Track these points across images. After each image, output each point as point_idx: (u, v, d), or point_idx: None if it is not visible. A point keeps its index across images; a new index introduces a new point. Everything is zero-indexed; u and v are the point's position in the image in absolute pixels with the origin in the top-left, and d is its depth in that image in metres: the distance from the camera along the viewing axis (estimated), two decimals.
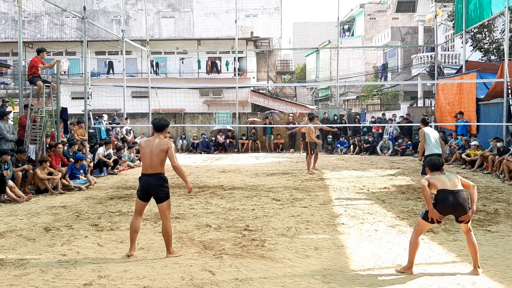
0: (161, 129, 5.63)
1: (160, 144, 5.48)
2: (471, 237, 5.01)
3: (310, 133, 13.64)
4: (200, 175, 13.22)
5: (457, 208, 4.85)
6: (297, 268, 5.09)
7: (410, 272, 4.93)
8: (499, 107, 14.97)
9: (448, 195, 4.86)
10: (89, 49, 21.14)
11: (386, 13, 38.36)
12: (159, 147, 5.47)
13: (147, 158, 5.49)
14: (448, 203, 4.85)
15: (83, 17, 16.18)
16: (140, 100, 25.52)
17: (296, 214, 7.80)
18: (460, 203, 4.84)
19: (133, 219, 5.66)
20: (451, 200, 4.84)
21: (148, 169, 5.49)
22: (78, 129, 14.87)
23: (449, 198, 4.85)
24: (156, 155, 5.46)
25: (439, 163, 5.20)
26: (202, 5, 35.50)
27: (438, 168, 5.15)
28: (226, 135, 22.23)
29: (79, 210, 8.43)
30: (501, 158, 12.26)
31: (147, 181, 5.50)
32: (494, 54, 20.80)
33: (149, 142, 5.57)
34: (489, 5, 16.11)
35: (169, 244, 5.55)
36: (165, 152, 5.44)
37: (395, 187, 10.74)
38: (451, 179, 4.97)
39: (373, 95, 32.54)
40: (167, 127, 5.73)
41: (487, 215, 7.66)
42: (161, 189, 5.48)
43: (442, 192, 4.91)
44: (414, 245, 5.00)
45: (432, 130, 9.81)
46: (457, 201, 4.84)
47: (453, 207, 4.86)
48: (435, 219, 4.90)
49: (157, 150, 5.46)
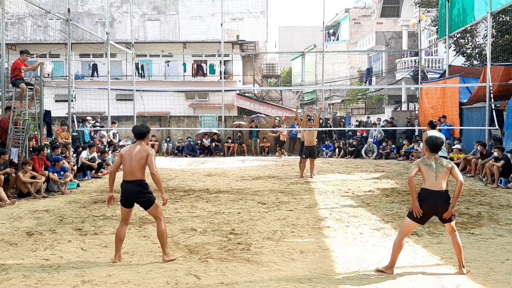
0: (141, 136, 5.58)
1: (140, 151, 5.43)
2: (456, 237, 5.08)
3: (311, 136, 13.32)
4: (185, 179, 13.16)
5: (437, 209, 4.97)
6: (282, 271, 5.09)
7: (390, 272, 4.99)
8: (481, 111, 15.18)
9: (429, 195, 4.96)
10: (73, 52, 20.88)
11: (370, 17, 38.70)
12: (139, 153, 5.41)
13: (127, 165, 5.43)
14: (428, 203, 4.96)
15: (67, 19, 16.03)
16: (125, 103, 25.36)
17: (282, 218, 7.81)
18: (440, 204, 4.95)
19: (119, 227, 5.60)
20: (431, 201, 4.95)
21: (128, 175, 5.43)
22: (62, 132, 14.72)
23: (430, 199, 4.96)
24: (136, 162, 5.40)
25: (440, 143, 5.21)
26: (187, 8, 35.46)
27: (437, 150, 5.18)
28: (212, 138, 22.19)
29: (62, 214, 8.33)
30: (484, 161, 12.43)
31: (127, 188, 5.45)
32: (477, 59, 21.12)
33: (130, 149, 5.52)
34: (472, 10, 16.36)
35: (165, 245, 5.50)
36: (145, 159, 5.39)
37: (380, 190, 10.81)
38: (439, 177, 5.01)
39: (358, 99, 32.77)
40: (148, 134, 5.67)
41: (470, 218, 7.75)
42: (142, 196, 5.43)
43: (424, 191, 5.01)
44: (398, 246, 5.06)
45: (437, 133, 9.61)
46: (437, 202, 4.95)
47: (433, 207, 4.96)
48: (415, 213, 4.98)
49: (137, 156, 5.41)
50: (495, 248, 5.93)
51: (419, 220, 5.03)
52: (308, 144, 13.29)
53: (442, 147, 5.31)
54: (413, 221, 5.06)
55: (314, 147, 13.38)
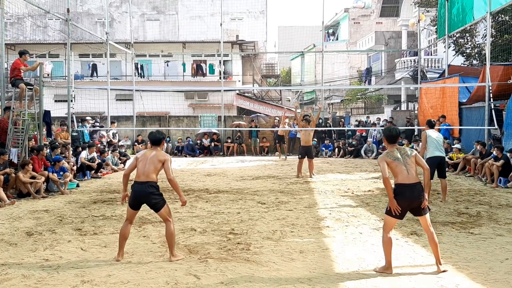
0: (158, 142, 5.68)
1: (157, 155, 5.53)
2: (432, 233, 5.11)
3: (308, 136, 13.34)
4: (185, 179, 13.17)
5: (414, 201, 5.01)
6: (282, 271, 5.09)
7: (389, 272, 5.00)
8: (481, 111, 15.19)
9: (405, 190, 5.00)
10: (72, 52, 20.91)
11: (370, 17, 38.71)
12: (156, 157, 5.50)
13: (142, 167, 5.49)
14: (405, 197, 5.00)
15: (67, 19, 16.03)
16: (124, 103, 25.36)
17: (281, 217, 7.81)
18: (416, 196, 4.99)
19: (123, 226, 5.66)
20: (408, 194, 5.00)
21: (141, 176, 5.48)
22: (61, 132, 14.72)
23: (406, 193, 4.99)
24: (151, 163, 5.47)
25: (395, 133, 5.21)
26: (187, 8, 35.46)
27: (395, 140, 5.19)
28: (212, 138, 22.19)
29: (62, 214, 8.33)
30: (483, 161, 12.44)
31: (139, 188, 5.48)
32: (476, 59, 21.13)
33: (147, 153, 5.62)
34: (471, 10, 16.36)
35: (173, 247, 5.54)
36: (162, 163, 5.47)
37: (379, 190, 10.82)
38: (409, 169, 5.02)
39: (357, 99, 32.80)
40: (164, 140, 5.81)
41: (470, 217, 7.76)
42: (153, 197, 5.46)
43: (399, 186, 5.04)
44: (386, 243, 5.07)
45: (435, 133, 9.62)
46: (413, 194, 4.99)
47: (410, 201, 5.01)
48: (393, 210, 5.01)
49: (154, 160, 5.49)
50: (494, 248, 5.94)
51: (397, 216, 5.05)
52: (304, 144, 13.35)
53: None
54: (392, 218, 5.08)
55: (311, 147, 13.41)
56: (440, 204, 8.96)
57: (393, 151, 5.12)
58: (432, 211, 8.27)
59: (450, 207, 8.68)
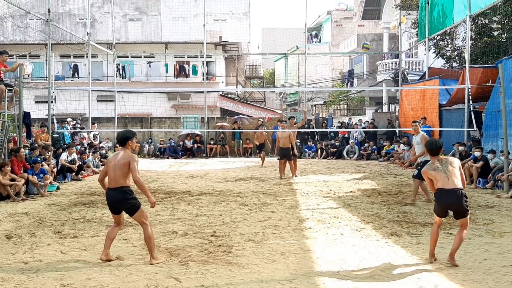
0: (123, 142, 5.56)
1: (123, 157, 5.43)
2: (462, 232, 5.41)
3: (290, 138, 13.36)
4: (167, 181, 13.10)
5: (451, 205, 5.38)
6: (263, 273, 5.10)
7: (430, 261, 5.44)
8: (460, 113, 15.42)
9: (443, 194, 5.38)
10: (53, 52, 20.65)
11: (352, 20, 39.06)
12: (122, 160, 5.42)
13: (111, 172, 5.44)
14: (443, 201, 5.40)
15: (48, 19, 15.84)
16: (105, 104, 25.08)
17: (264, 219, 7.82)
18: (453, 201, 5.33)
19: (112, 227, 5.68)
20: (445, 198, 5.38)
21: (112, 182, 5.43)
22: (42, 134, 14.53)
23: (443, 197, 5.39)
24: (118, 168, 5.40)
25: (437, 146, 5.61)
26: (170, 9, 35.29)
27: (437, 152, 5.58)
28: (194, 139, 22.11)
29: (42, 217, 8.22)
30: (463, 162, 12.62)
31: (111, 195, 5.45)
32: (456, 61, 21.47)
33: (115, 156, 5.54)
34: (451, 13, 16.61)
35: (152, 250, 5.49)
36: (128, 166, 5.37)
37: (361, 191, 10.91)
38: (450, 176, 5.36)
39: (339, 101, 33.04)
40: (130, 139, 5.58)
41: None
42: (126, 202, 5.42)
43: (439, 190, 5.44)
44: (431, 236, 5.55)
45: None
46: (451, 199, 5.34)
47: (447, 204, 5.39)
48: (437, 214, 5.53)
49: (120, 162, 5.41)
50: (473, 248, 6.03)
51: (439, 215, 5.53)
52: (282, 145, 13.41)
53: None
54: (436, 216, 5.57)
55: (289, 149, 13.34)
56: (420, 205, 9.07)
57: (434, 163, 5.54)
58: (413, 212, 8.38)
59: (430, 208, 8.78)
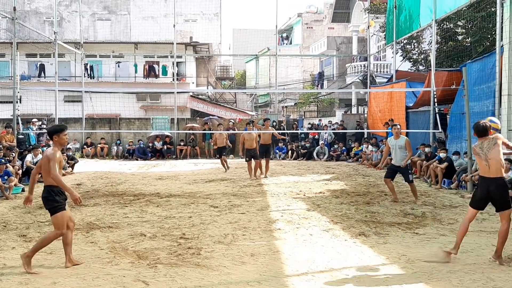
0: (50, 136, 5.37)
1: (45, 155, 5.24)
2: (504, 226, 5.43)
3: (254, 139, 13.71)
4: (135, 183, 12.92)
5: (490, 194, 5.42)
6: (232, 275, 5.09)
7: (454, 252, 5.53)
8: (426, 115, 15.77)
9: (482, 182, 5.51)
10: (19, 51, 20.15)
11: (322, 22, 39.45)
12: (44, 158, 5.23)
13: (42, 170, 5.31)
14: (482, 189, 5.49)
15: (13, 17, 15.41)
16: (73, 104, 24.59)
17: (234, 221, 7.80)
18: (492, 190, 5.40)
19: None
20: (484, 187, 5.46)
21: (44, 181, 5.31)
22: (6, 135, 14.13)
23: (483, 185, 5.49)
24: (43, 166, 5.21)
25: (481, 128, 5.58)
26: (139, 8, 34.90)
27: (482, 133, 5.58)
28: (164, 141, 21.89)
29: (6, 220, 7.99)
30: (429, 163, 12.92)
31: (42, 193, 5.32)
32: (422, 65, 21.91)
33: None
34: (418, 17, 16.98)
35: (35, 250, 5.28)
36: (47, 164, 5.11)
37: (330, 192, 11.02)
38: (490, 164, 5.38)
39: (310, 102, 33.33)
40: (56, 134, 5.28)
41: (415, 218, 8.03)
42: (46, 203, 5.26)
43: (479, 178, 5.61)
44: (461, 229, 5.62)
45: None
46: (489, 188, 5.40)
47: (487, 193, 5.45)
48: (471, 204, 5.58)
49: (43, 161, 5.24)
50: (438, 247, 6.16)
51: (475, 207, 5.53)
52: (248, 147, 13.68)
53: None
54: (470, 208, 5.60)
55: (256, 149, 13.69)
56: (387, 205, 9.23)
57: (482, 143, 5.56)
58: (380, 212, 8.51)
59: (396, 207, 8.96)
